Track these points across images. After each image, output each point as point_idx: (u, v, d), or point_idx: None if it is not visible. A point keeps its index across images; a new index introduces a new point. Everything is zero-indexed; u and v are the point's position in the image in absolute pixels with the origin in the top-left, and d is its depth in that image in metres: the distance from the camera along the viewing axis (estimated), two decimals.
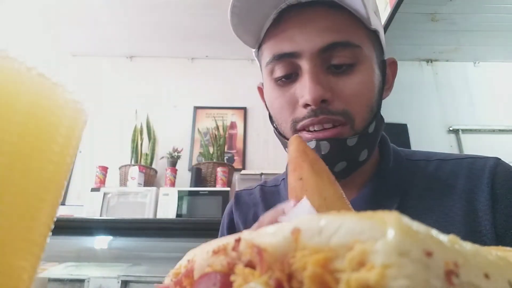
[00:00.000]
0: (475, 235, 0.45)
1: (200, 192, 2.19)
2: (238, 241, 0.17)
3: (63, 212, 2.08)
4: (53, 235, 0.22)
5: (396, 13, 1.41)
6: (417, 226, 0.13)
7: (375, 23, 0.47)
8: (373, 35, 0.49)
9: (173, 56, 2.83)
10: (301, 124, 0.46)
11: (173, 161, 2.46)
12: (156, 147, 2.55)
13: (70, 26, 2.58)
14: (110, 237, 1.67)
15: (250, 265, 0.16)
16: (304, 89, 0.44)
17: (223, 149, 2.49)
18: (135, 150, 2.47)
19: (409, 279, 0.11)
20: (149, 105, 2.69)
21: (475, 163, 0.51)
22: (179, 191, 2.17)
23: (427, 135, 2.66)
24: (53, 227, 0.22)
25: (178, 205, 2.12)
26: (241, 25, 0.49)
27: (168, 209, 2.10)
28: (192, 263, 0.20)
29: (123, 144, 2.51)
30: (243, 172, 2.38)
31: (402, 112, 2.74)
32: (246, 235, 0.17)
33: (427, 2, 2.27)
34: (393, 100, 3.14)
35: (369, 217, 0.14)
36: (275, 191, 0.62)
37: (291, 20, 0.46)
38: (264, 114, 0.58)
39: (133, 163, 2.43)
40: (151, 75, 2.83)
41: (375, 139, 0.51)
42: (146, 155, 2.47)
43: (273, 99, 0.50)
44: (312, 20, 0.45)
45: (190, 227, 1.64)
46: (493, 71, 2.88)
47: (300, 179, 0.32)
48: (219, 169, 2.34)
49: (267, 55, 0.49)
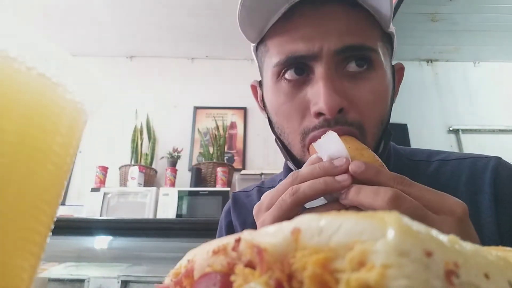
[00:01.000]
0: (478, 236, 0.45)
1: (200, 192, 2.19)
2: (238, 241, 0.17)
3: (63, 212, 2.08)
4: (53, 235, 0.22)
5: (396, 13, 1.41)
6: (417, 226, 0.13)
7: (391, 25, 0.45)
8: (388, 39, 0.46)
9: (173, 56, 2.83)
10: (312, 134, 0.41)
11: (173, 161, 2.46)
12: (156, 147, 2.55)
13: (70, 26, 2.58)
14: (110, 237, 1.67)
15: (250, 265, 0.16)
16: (317, 96, 0.40)
17: (223, 149, 2.49)
18: (135, 150, 2.47)
19: (409, 279, 0.11)
20: (149, 105, 2.69)
21: (476, 163, 0.51)
22: (179, 191, 2.18)
23: (427, 135, 2.66)
24: (53, 227, 0.22)
25: (178, 205, 2.12)
26: (248, 18, 0.45)
27: (168, 209, 2.10)
28: (192, 263, 0.20)
29: (123, 144, 2.51)
30: (243, 172, 2.38)
31: (402, 112, 2.74)
32: (246, 235, 0.17)
33: (427, 2, 2.27)
34: None
35: (369, 217, 0.14)
36: None
37: (306, 15, 0.42)
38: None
39: (133, 163, 2.43)
40: (151, 75, 2.83)
41: (382, 157, 0.49)
42: (146, 155, 2.47)
43: (279, 104, 0.45)
44: (329, 19, 0.41)
45: (190, 227, 1.64)
46: (493, 71, 2.88)
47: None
48: (219, 169, 2.34)
49: (275, 53, 0.44)
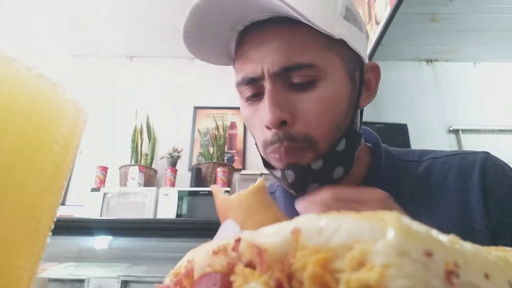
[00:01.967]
0: (468, 232, 0.45)
1: (200, 192, 2.19)
2: (238, 241, 0.17)
3: (63, 212, 2.08)
4: (53, 235, 0.22)
5: (396, 13, 1.41)
6: (417, 226, 0.13)
7: (339, 31, 0.44)
8: (340, 44, 0.46)
9: (173, 56, 2.83)
10: (270, 148, 0.46)
11: (173, 161, 2.46)
12: (156, 147, 2.55)
13: (70, 26, 2.58)
14: (110, 237, 1.66)
15: (250, 265, 0.16)
16: (264, 111, 0.44)
17: (223, 149, 2.49)
18: (135, 150, 2.47)
19: (409, 279, 0.11)
20: (149, 105, 2.69)
21: (464, 158, 0.51)
22: (179, 191, 2.18)
23: (427, 135, 2.66)
24: (53, 227, 0.22)
25: (178, 205, 2.12)
26: (202, 51, 0.50)
27: (168, 209, 2.10)
28: (192, 263, 0.20)
29: (123, 144, 2.51)
30: (243, 172, 2.38)
31: (402, 112, 2.74)
32: (246, 235, 0.17)
33: (427, 2, 2.27)
34: (393, 100, 3.13)
35: (369, 217, 0.14)
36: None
37: (252, 40, 0.46)
38: None
39: (133, 163, 2.43)
40: (151, 75, 2.83)
41: (349, 155, 0.49)
42: (146, 155, 2.47)
43: (245, 118, 0.50)
44: (266, 41, 0.44)
45: (190, 227, 1.64)
46: (493, 71, 2.88)
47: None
48: (219, 169, 2.34)
49: (236, 75, 0.49)
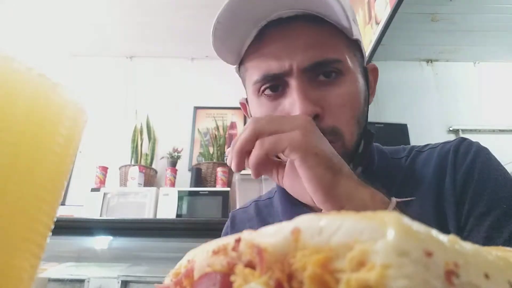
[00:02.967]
0: (441, 220, 0.45)
1: (200, 192, 2.19)
2: (238, 241, 0.17)
3: (63, 212, 2.08)
4: (53, 235, 0.22)
5: (396, 13, 1.41)
6: (417, 226, 0.13)
7: (355, 32, 0.47)
8: (355, 45, 0.49)
9: (173, 56, 2.83)
10: None
11: (173, 161, 2.46)
12: (156, 147, 2.55)
13: (70, 26, 2.58)
14: (110, 237, 1.67)
15: (250, 265, 0.16)
16: (293, 105, 0.44)
17: (223, 149, 2.49)
18: (135, 150, 2.47)
19: (409, 279, 0.11)
20: (149, 105, 2.69)
21: (443, 147, 0.51)
22: (179, 191, 2.18)
23: (427, 135, 2.66)
24: (53, 227, 0.22)
25: (178, 205, 2.12)
26: (223, 46, 0.50)
27: (168, 209, 2.10)
28: (192, 263, 0.20)
29: (123, 144, 2.51)
30: (243, 172, 2.38)
31: (402, 112, 2.74)
32: (246, 235, 0.17)
33: (427, 2, 2.28)
34: (393, 100, 3.13)
35: (369, 217, 0.14)
36: (268, 204, 0.63)
37: (274, 36, 0.46)
38: None
39: (133, 163, 2.43)
40: (151, 75, 2.83)
41: (364, 156, 0.51)
42: (146, 155, 2.47)
43: (264, 114, 0.49)
44: (295, 37, 0.45)
45: (190, 227, 1.64)
46: (493, 71, 2.88)
47: None
48: (219, 169, 2.34)
49: (253, 72, 0.49)
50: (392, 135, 2.59)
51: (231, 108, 2.70)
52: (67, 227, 1.52)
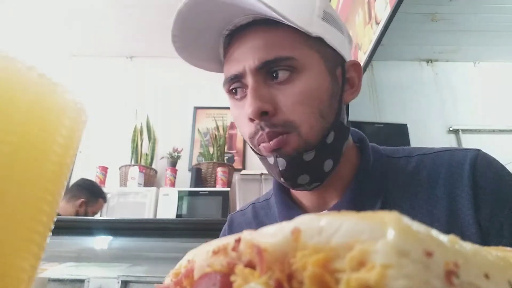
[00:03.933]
0: (457, 231, 0.44)
1: (200, 192, 2.19)
2: (238, 241, 0.17)
3: None
4: (53, 235, 0.22)
5: (396, 13, 1.41)
6: (417, 226, 0.13)
7: (317, 30, 0.48)
8: (319, 42, 0.49)
9: (173, 56, 2.81)
10: (255, 140, 0.49)
11: (173, 161, 2.46)
12: (156, 147, 2.55)
13: (70, 26, 2.58)
14: (110, 237, 1.66)
15: (250, 265, 0.16)
16: (247, 104, 0.48)
17: (223, 149, 2.49)
18: (135, 150, 2.47)
19: (409, 279, 0.11)
20: (149, 105, 2.69)
21: (454, 155, 0.51)
22: (179, 191, 2.18)
23: (427, 135, 2.66)
24: (53, 227, 0.22)
25: (178, 205, 2.12)
26: (192, 57, 0.54)
27: (168, 209, 2.11)
28: (192, 263, 0.20)
29: (123, 144, 2.51)
30: (243, 172, 2.38)
31: (402, 112, 2.74)
32: (246, 235, 0.17)
33: (427, 2, 2.28)
34: (393, 100, 3.13)
35: (369, 217, 0.14)
36: (265, 205, 0.63)
37: (237, 41, 0.50)
38: None
39: (133, 163, 2.43)
40: (151, 75, 2.83)
41: (338, 148, 0.51)
42: (146, 155, 2.47)
43: (234, 118, 0.53)
44: (249, 41, 0.48)
45: (190, 227, 1.64)
46: (493, 71, 2.88)
47: None
48: (219, 169, 2.34)
49: (224, 76, 0.53)
50: (392, 135, 2.59)
51: None
52: (67, 227, 1.52)
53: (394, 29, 1.67)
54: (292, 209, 0.55)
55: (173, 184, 2.36)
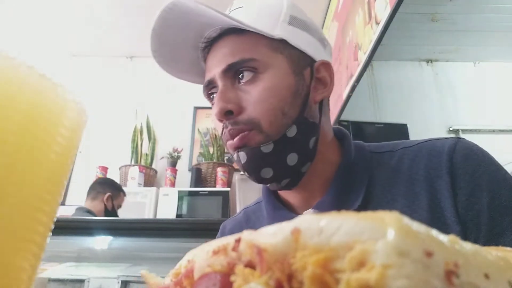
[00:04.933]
0: (438, 221, 0.44)
1: (200, 192, 2.19)
2: (238, 241, 0.17)
3: (63, 212, 2.08)
4: (53, 235, 0.22)
5: (396, 13, 1.41)
6: (417, 226, 0.13)
7: (281, 33, 0.51)
8: (283, 44, 0.52)
9: None
10: (224, 138, 0.52)
11: (173, 161, 2.46)
12: (156, 147, 2.55)
13: (70, 26, 2.58)
14: (110, 237, 1.66)
15: (250, 265, 0.16)
16: (213, 106, 0.52)
17: (223, 149, 2.49)
18: (135, 150, 2.47)
19: (409, 279, 0.11)
20: (149, 105, 2.69)
21: (434, 144, 0.51)
22: (179, 191, 2.18)
23: (427, 135, 2.64)
24: (53, 227, 0.22)
25: (178, 205, 2.12)
26: (176, 70, 0.58)
27: (168, 209, 2.11)
28: (192, 263, 0.20)
29: (123, 144, 2.51)
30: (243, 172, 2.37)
31: (402, 112, 2.74)
32: (246, 235, 0.17)
33: (427, 2, 2.28)
34: (393, 100, 3.13)
35: (369, 217, 0.14)
36: (256, 209, 0.64)
37: (210, 53, 0.54)
38: None
39: (133, 163, 2.43)
40: (151, 75, 2.83)
41: (303, 142, 0.51)
42: (146, 155, 2.47)
43: (215, 125, 0.57)
44: (219, 49, 0.53)
45: (190, 227, 1.64)
46: (493, 71, 2.88)
47: None
48: (219, 169, 2.34)
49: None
50: (392, 135, 2.59)
51: None
52: (67, 227, 1.52)
53: (394, 29, 1.67)
54: (279, 210, 0.57)
55: (173, 184, 2.36)
